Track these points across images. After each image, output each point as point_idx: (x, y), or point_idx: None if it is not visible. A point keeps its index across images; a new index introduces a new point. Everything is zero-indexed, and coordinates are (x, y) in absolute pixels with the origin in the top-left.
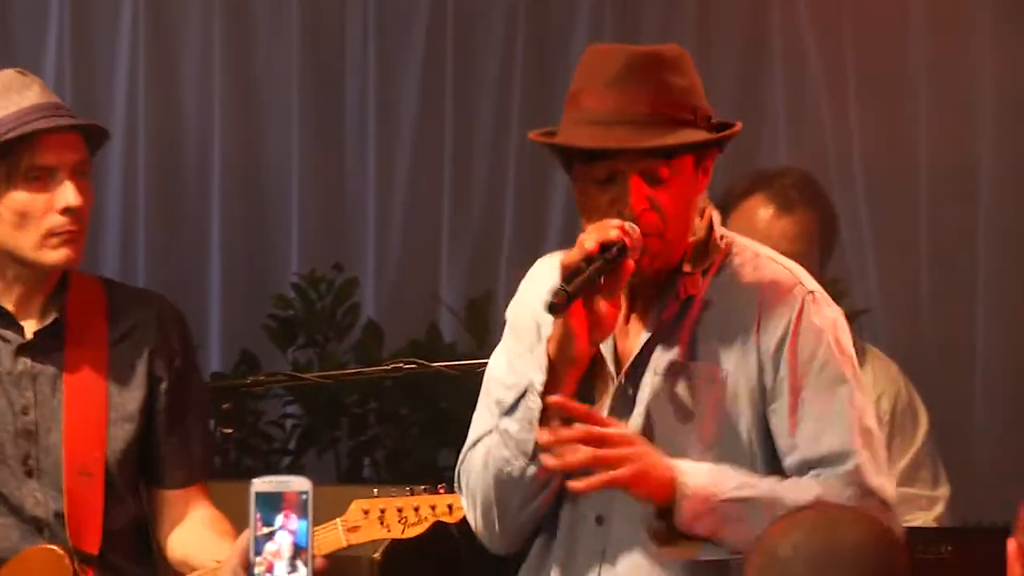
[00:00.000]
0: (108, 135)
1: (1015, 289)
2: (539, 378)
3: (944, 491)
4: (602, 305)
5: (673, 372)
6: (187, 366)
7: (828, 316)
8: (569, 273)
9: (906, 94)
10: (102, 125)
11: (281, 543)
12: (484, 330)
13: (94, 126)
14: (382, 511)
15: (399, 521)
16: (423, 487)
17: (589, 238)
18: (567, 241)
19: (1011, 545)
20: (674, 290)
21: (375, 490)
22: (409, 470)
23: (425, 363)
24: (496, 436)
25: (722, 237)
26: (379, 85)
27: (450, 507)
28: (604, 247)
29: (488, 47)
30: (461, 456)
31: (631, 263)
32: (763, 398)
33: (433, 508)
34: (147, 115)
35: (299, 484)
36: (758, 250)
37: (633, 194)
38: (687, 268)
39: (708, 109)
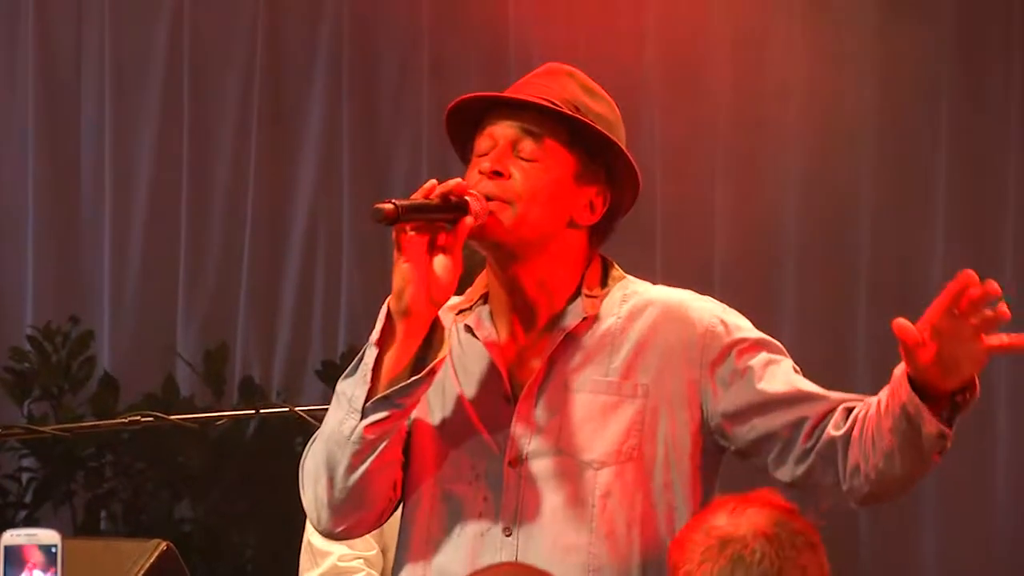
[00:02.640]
0: None
1: None
2: (377, 329)
3: None
4: (439, 258)
5: (587, 387)
6: None
7: (746, 323)
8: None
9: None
10: None
11: None
12: (221, 382)
13: None
14: None
15: None
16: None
17: (434, 186)
18: (302, 296)
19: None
20: (575, 311)
21: None
22: (145, 523)
23: (163, 416)
24: (332, 404)
25: (617, 272)
26: (115, 134)
27: None
28: (444, 196)
29: (223, 99)
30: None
31: (469, 221)
32: (706, 406)
33: None
34: None
35: (48, 537)
36: (652, 286)
37: (495, 154)
38: (587, 291)
39: (606, 130)
